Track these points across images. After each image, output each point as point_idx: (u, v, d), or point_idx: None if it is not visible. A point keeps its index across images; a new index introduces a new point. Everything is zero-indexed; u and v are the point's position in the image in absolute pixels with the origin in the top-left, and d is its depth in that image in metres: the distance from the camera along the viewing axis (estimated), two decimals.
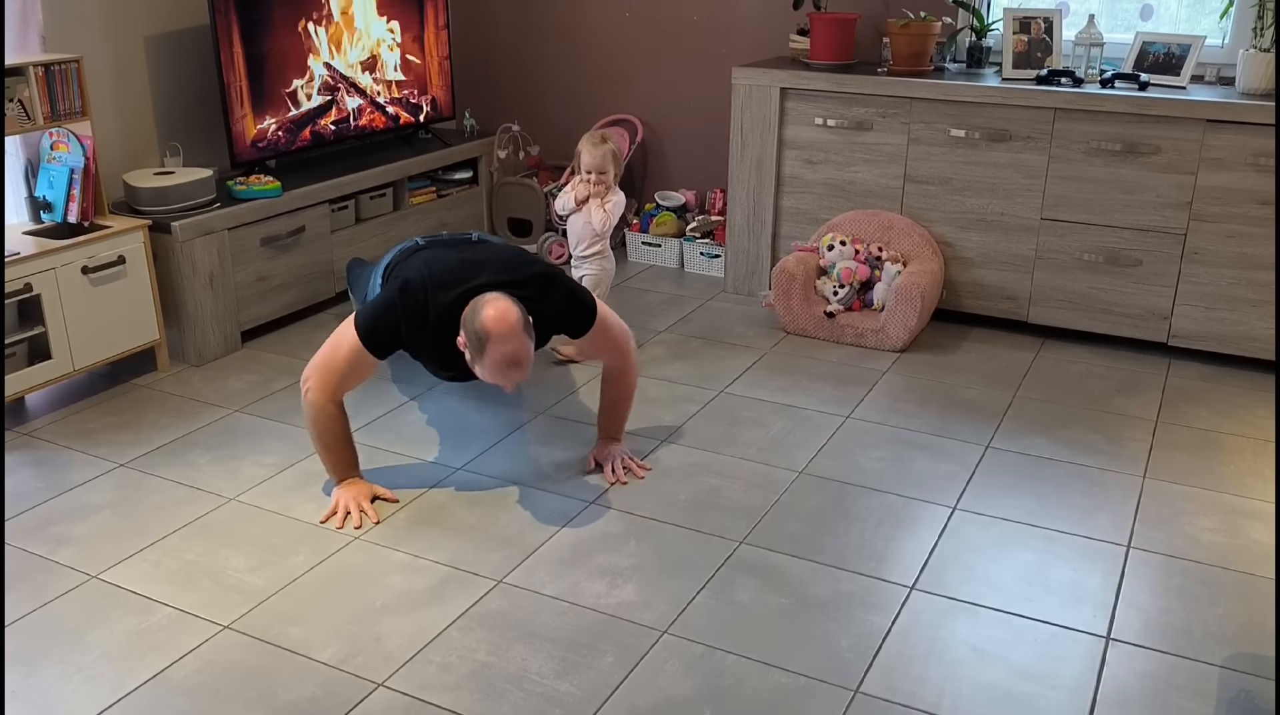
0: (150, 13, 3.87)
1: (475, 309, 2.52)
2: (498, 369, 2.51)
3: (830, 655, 2.24)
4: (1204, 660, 2.23)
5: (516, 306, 2.52)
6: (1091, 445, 3.13)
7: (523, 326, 2.50)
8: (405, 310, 2.61)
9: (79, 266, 3.26)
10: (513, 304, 2.52)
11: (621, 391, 2.96)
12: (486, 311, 2.49)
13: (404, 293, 2.63)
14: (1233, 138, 3.44)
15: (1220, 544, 2.64)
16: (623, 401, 2.98)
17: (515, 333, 2.48)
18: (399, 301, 2.62)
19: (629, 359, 2.92)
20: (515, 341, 2.48)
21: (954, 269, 3.95)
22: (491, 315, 2.48)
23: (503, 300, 2.51)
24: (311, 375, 2.68)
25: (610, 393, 2.96)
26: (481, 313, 2.49)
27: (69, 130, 3.32)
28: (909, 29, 3.86)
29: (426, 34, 4.60)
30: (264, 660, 2.22)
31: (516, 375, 2.54)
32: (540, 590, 2.45)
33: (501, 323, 2.47)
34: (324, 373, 2.67)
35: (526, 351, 2.52)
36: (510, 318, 2.48)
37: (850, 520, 2.74)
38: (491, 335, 2.47)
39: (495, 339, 2.47)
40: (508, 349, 2.48)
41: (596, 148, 3.53)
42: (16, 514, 2.75)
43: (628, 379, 2.94)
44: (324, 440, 2.74)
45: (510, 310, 2.49)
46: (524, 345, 2.50)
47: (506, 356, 2.49)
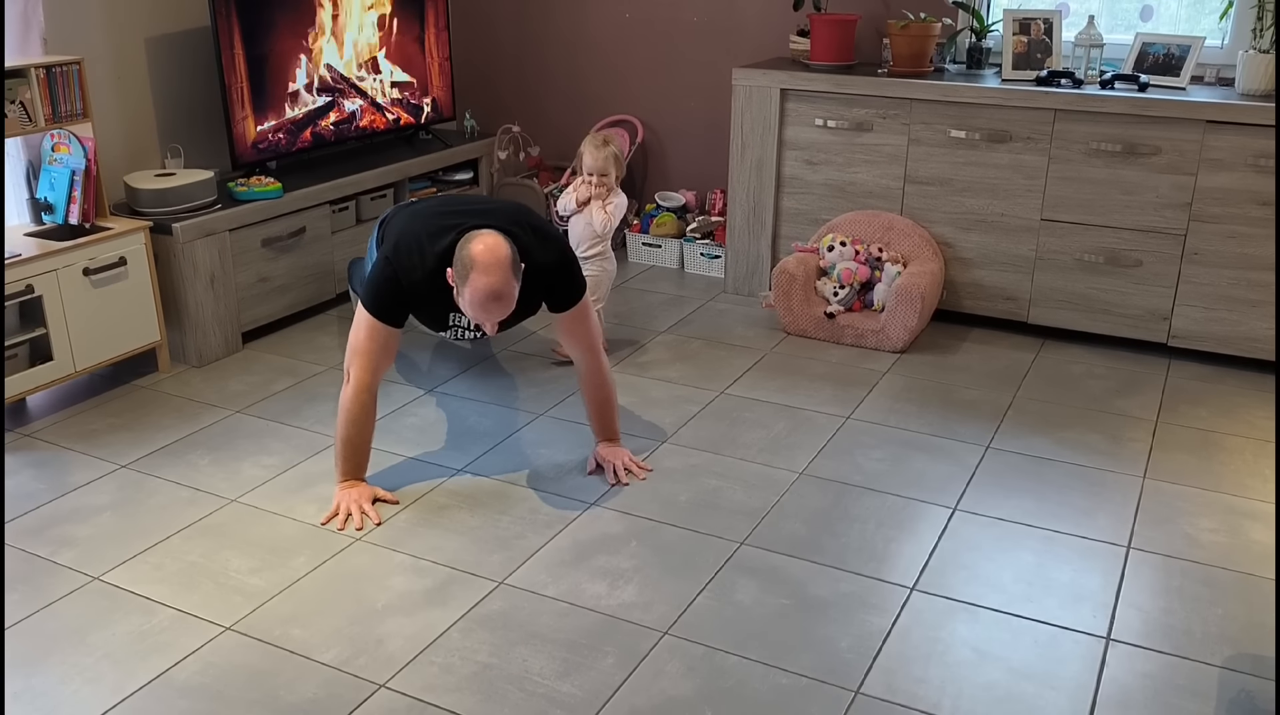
0: (151, 14, 3.87)
1: (467, 240, 2.55)
2: (478, 300, 2.52)
3: (831, 656, 2.24)
4: (1204, 661, 2.23)
5: (507, 243, 2.54)
6: (1091, 446, 3.13)
7: (510, 262, 2.52)
8: (400, 263, 2.64)
9: (80, 268, 3.26)
10: (503, 240, 2.54)
11: (602, 393, 2.95)
12: (476, 243, 2.52)
13: (397, 245, 2.67)
14: (1233, 139, 3.44)
15: (1220, 544, 2.64)
16: (606, 403, 2.97)
17: (500, 265, 2.50)
18: (393, 256, 2.66)
19: (600, 357, 2.92)
20: (498, 273, 2.50)
21: (954, 270, 3.95)
22: (479, 247, 2.51)
23: (494, 235, 2.54)
24: (350, 363, 2.73)
25: (591, 396, 2.96)
26: (471, 243, 2.52)
27: (70, 132, 3.33)
28: (909, 30, 3.87)
29: (427, 35, 4.61)
30: (266, 662, 2.22)
31: (496, 310, 2.55)
32: (541, 591, 2.45)
33: (488, 254, 2.49)
34: (356, 357, 2.71)
35: (509, 286, 2.52)
36: (499, 251, 2.50)
37: (850, 521, 2.74)
38: (476, 264, 2.49)
39: (479, 268, 2.49)
40: (491, 280, 2.49)
41: (599, 150, 3.52)
42: (18, 515, 2.76)
43: (603, 378, 2.93)
44: (349, 431, 2.75)
45: (499, 244, 2.52)
46: (507, 279, 2.51)
47: (488, 288, 2.50)
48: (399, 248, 2.67)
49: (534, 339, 3.87)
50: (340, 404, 2.76)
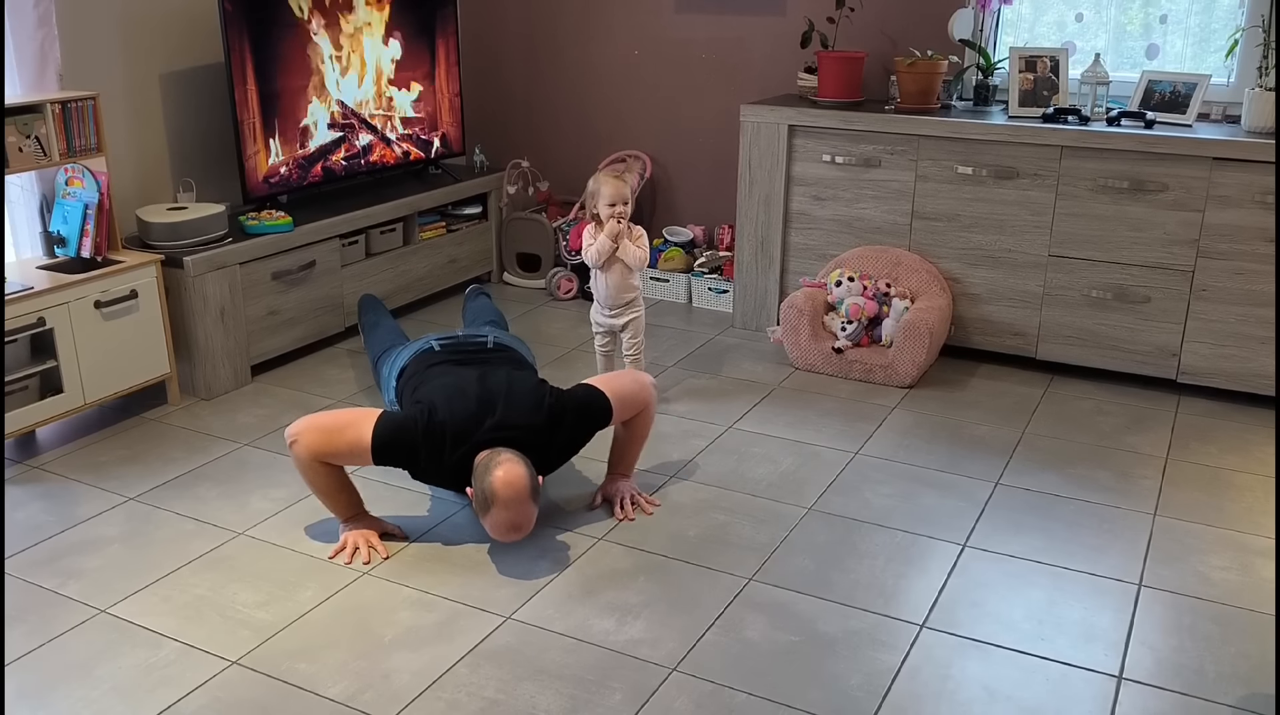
0: (166, 51, 3.92)
1: (488, 467, 2.56)
2: (499, 531, 2.60)
3: (840, 694, 2.23)
4: (1217, 701, 2.21)
5: (526, 471, 2.56)
6: (1101, 482, 3.12)
7: (529, 493, 2.55)
8: (427, 443, 2.65)
9: (92, 301, 3.28)
10: (523, 469, 2.56)
11: (639, 431, 2.97)
12: (497, 473, 2.53)
13: (429, 431, 2.65)
14: (1239, 175, 3.45)
15: (1232, 582, 2.63)
16: (638, 441, 2.99)
17: (520, 500, 2.54)
18: (423, 437, 2.65)
19: (649, 407, 2.94)
20: (519, 509, 2.54)
21: (962, 305, 3.96)
22: (501, 478, 2.53)
23: (515, 463, 2.56)
24: (303, 434, 2.65)
25: (628, 432, 2.97)
26: (492, 473, 2.54)
27: (84, 166, 3.36)
28: (916, 67, 3.90)
29: (437, 71, 4.65)
30: (272, 696, 2.21)
31: (516, 537, 2.64)
32: (549, 627, 2.44)
33: (508, 489, 2.52)
34: (318, 438, 2.65)
35: (528, 518, 2.59)
36: (518, 485, 2.53)
37: (860, 557, 2.73)
38: (497, 500, 2.53)
39: (500, 505, 2.53)
40: (511, 516, 2.55)
41: (614, 179, 3.40)
42: (26, 547, 2.76)
43: (645, 419, 2.95)
44: (319, 488, 2.74)
45: (520, 477, 2.54)
46: (527, 512, 2.57)
47: (509, 522, 2.57)
48: (431, 432, 2.64)
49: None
50: (297, 467, 2.71)
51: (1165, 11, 3.97)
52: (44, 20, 3.39)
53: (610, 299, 3.48)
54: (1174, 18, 3.97)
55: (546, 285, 4.81)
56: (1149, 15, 4.02)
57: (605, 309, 3.50)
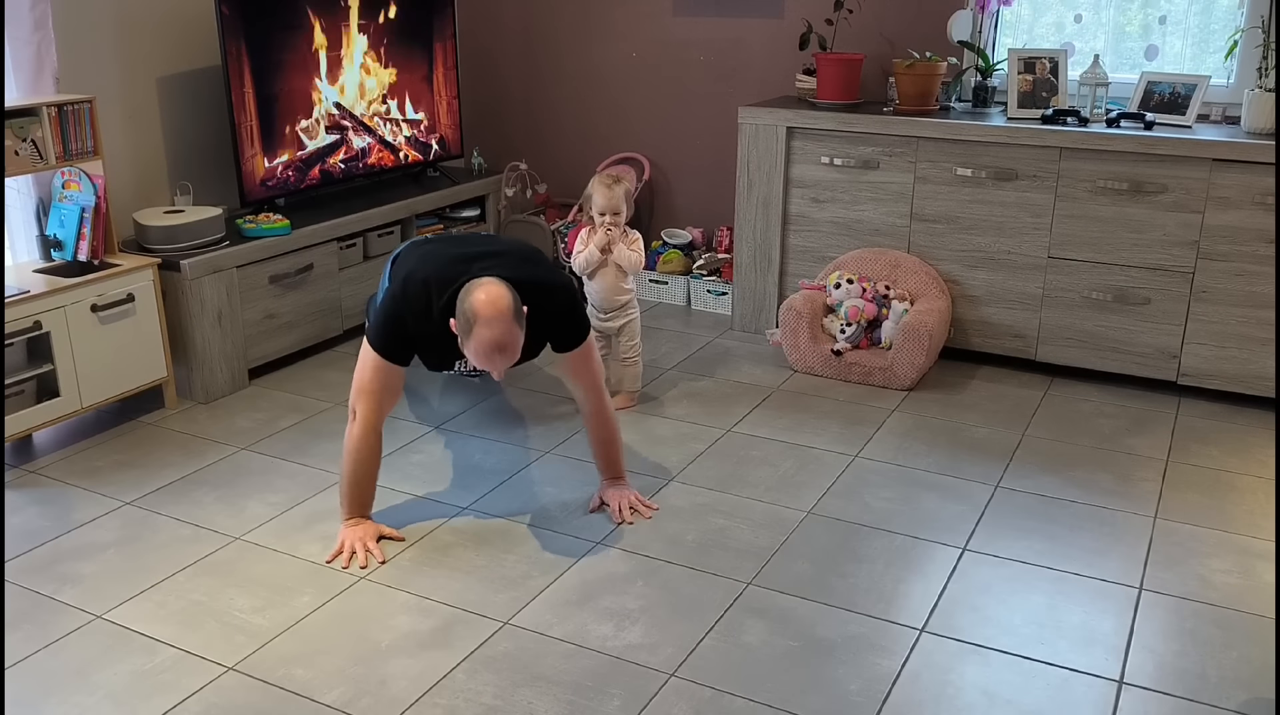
0: (163, 54, 3.91)
1: (469, 290, 2.54)
2: (482, 352, 2.52)
3: (839, 699, 2.21)
4: (1219, 705, 2.20)
5: (509, 292, 2.53)
6: (1102, 485, 3.11)
7: (512, 313, 2.51)
8: (407, 305, 2.64)
9: (88, 304, 3.27)
10: (505, 290, 2.53)
11: (606, 431, 2.94)
12: (478, 294, 2.51)
13: (405, 287, 2.66)
14: (1239, 177, 3.44)
15: (1233, 586, 2.61)
16: (610, 442, 2.95)
17: (503, 317, 2.49)
18: (401, 297, 2.65)
19: (604, 396, 2.91)
20: (501, 325, 2.49)
21: (961, 307, 3.95)
22: (482, 298, 2.50)
23: (496, 285, 2.53)
24: (355, 400, 2.72)
25: (597, 435, 2.94)
26: (473, 294, 2.52)
27: (81, 169, 3.35)
28: (915, 69, 3.89)
29: (435, 73, 4.64)
30: (268, 703, 2.20)
31: (500, 360, 2.55)
32: (547, 632, 2.43)
33: (490, 307, 2.49)
34: (362, 396, 2.70)
35: (512, 337, 2.52)
36: (500, 303, 2.50)
37: (859, 561, 2.72)
38: (479, 317, 2.48)
39: (482, 322, 2.48)
40: (493, 333, 2.49)
41: (610, 188, 3.40)
42: (22, 552, 2.75)
43: (607, 416, 2.92)
44: (357, 471, 2.74)
45: (502, 295, 2.51)
46: (510, 330, 2.51)
47: (491, 340, 2.50)
48: (406, 290, 2.67)
49: (540, 376, 3.86)
50: (346, 443, 2.75)
51: (1164, 12, 3.96)
52: (40, 23, 3.38)
53: (604, 302, 3.48)
54: (1173, 19, 3.96)
55: None
56: (1148, 16, 4.01)
57: (600, 312, 3.50)
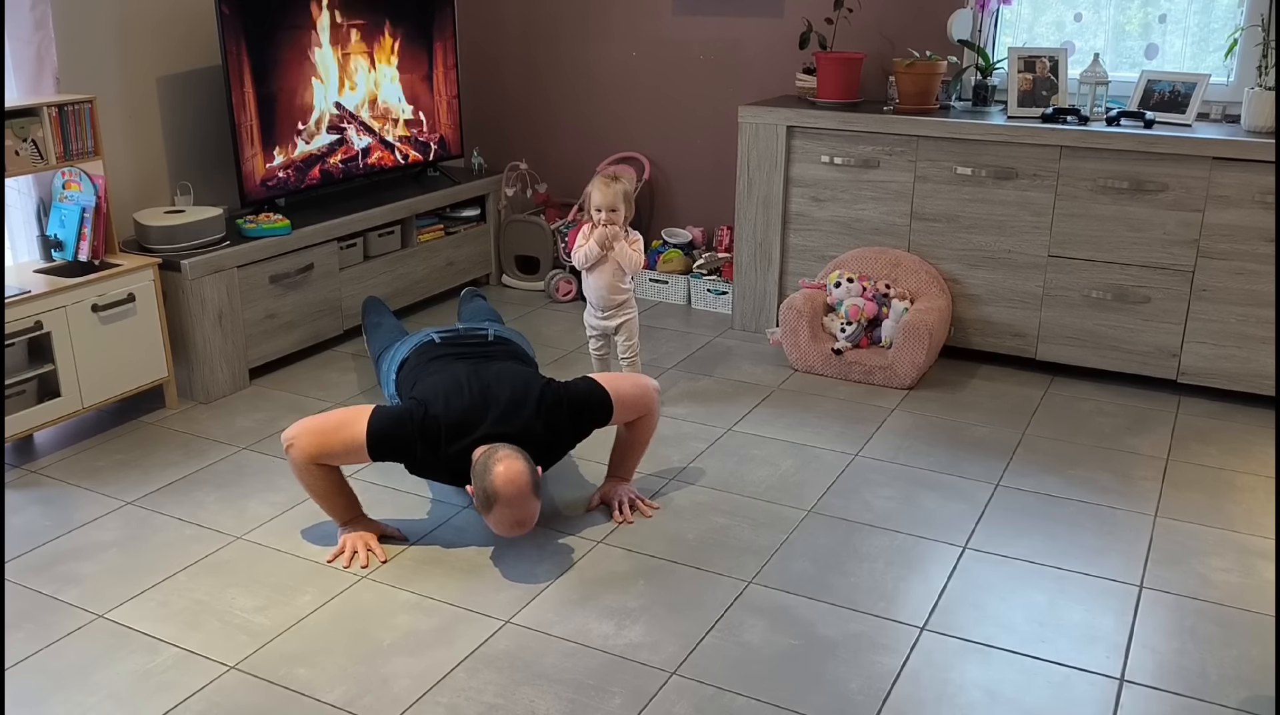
0: (163, 54, 3.91)
1: (487, 465, 2.54)
2: (503, 528, 2.59)
3: (840, 697, 2.22)
4: (1220, 703, 2.20)
5: (526, 466, 2.54)
6: (1102, 484, 3.11)
7: (531, 488, 2.53)
8: (422, 439, 2.64)
9: (89, 304, 3.27)
10: (523, 464, 2.54)
11: (641, 436, 2.96)
12: (497, 469, 2.51)
13: (425, 425, 2.64)
14: (1239, 175, 3.45)
15: (1233, 584, 2.62)
16: (640, 445, 2.98)
17: (523, 496, 2.52)
18: (418, 431, 2.63)
19: (653, 412, 2.92)
20: (521, 505, 2.53)
21: (962, 306, 3.95)
22: (502, 475, 2.51)
23: (515, 460, 2.53)
24: (299, 437, 2.65)
25: (630, 436, 2.96)
26: (492, 471, 2.52)
27: (81, 169, 3.35)
28: (915, 68, 3.89)
29: (435, 74, 4.65)
30: (270, 702, 2.20)
31: (520, 533, 2.62)
32: (548, 631, 2.43)
33: (510, 486, 2.50)
34: (314, 440, 2.64)
35: (532, 513, 2.57)
36: (519, 481, 2.51)
37: (860, 559, 2.72)
38: (499, 498, 2.51)
39: (502, 502, 2.51)
40: (514, 513, 2.53)
41: (608, 186, 3.38)
42: (23, 552, 2.75)
43: (649, 423, 2.94)
44: (316, 491, 2.73)
45: (520, 473, 2.52)
46: (530, 508, 2.55)
47: (512, 519, 2.55)
48: (425, 427, 2.63)
49: None
50: (294, 472, 2.70)
51: (1164, 11, 3.96)
52: (41, 23, 3.38)
53: (601, 301, 3.47)
54: (1173, 17, 3.96)
55: (545, 287, 4.80)
56: (1148, 15, 4.01)
57: (597, 311, 3.49)
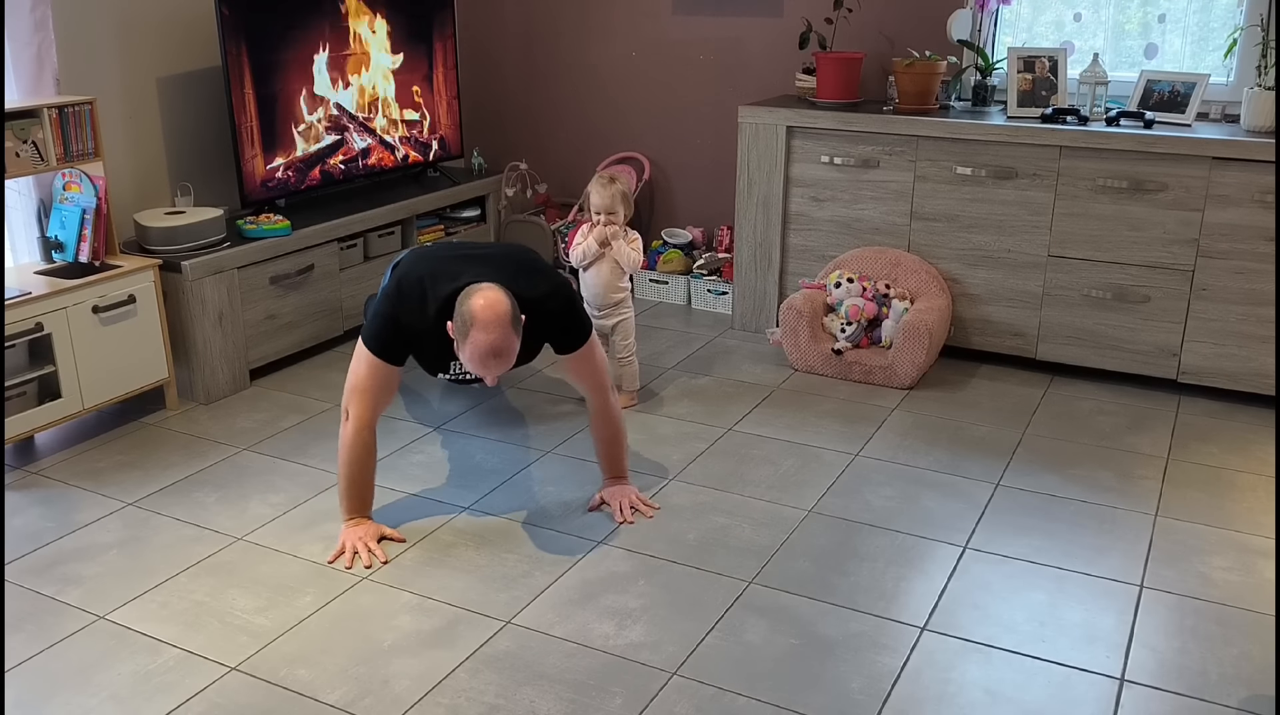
0: (164, 55, 3.91)
1: (467, 294, 2.54)
2: (477, 356, 2.51)
3: (841, 697, 2.22)
4: (1220, 703, 2.20)
5: (507, 298, 2.53)
6: (1102, 483, 3.12)
7: (510, 318, 2.51)
8: (403, 304, 2.64)
9: (90, 306, 3.27)
10: (504, 295, 2.53)
11: (610, 431, 2.94)
12: (476, 298, 2.51)
13: (400, 287, 2.66)
14: (1239, 175, 3.45)
15: (1234, 583, 2.62)
16: (615, 441, 2.96)
17: (500, 322, 2.49)
18: (396, 297, 2.66)
19: (608, 395, 2.91)
20: (498, 331, 2.48)
21: (962, 306, 3.95)
22: (480, 303, 2.50)
23: (495, 291, 2.53)
24: (349, 400, 2.73)
25: (600, 434, 2.95)
26: (471, 299, 2.51)
27: (81, 171, 3.35)
28: (914, 68, 3.89)
29: (435, 74, 4.65)
30: (271, 702, 2.20)
31: (495, 366, 2.53)
32: (549, 631, 2.43)
33: (488, 311, 2.48)
34: (355, 395, 2.71)
35: (508, 343, 2.51)
36: (498, 307, 2.49)
37: (860, 559, 2.72)
38: (476, 321, 2.48)
39: (479, 326, 2.48)
40: (490, 338, 2.48)
41: (605, 187, 3.43)
42: (24, 553, 2.75)
43: (611, 415, 2.92)
44: (352, 470, 2.74)
45: (500, 301, 2.51)
46: (506, 336, 2.50)
47: (488, 345, 2.48)
48: (401, 290, 2.68)
49: (541, 377, 3.87)
50: (341, 442, 2.75)
51: (1164, 11, 3.96)
52: (41, 25, 3.38)
53: (598, 299, 3.48)
54: (1172, 17, 3.96)
55: None
56: (1147, 15, 4.01)
57: (594, 309, 3.51)
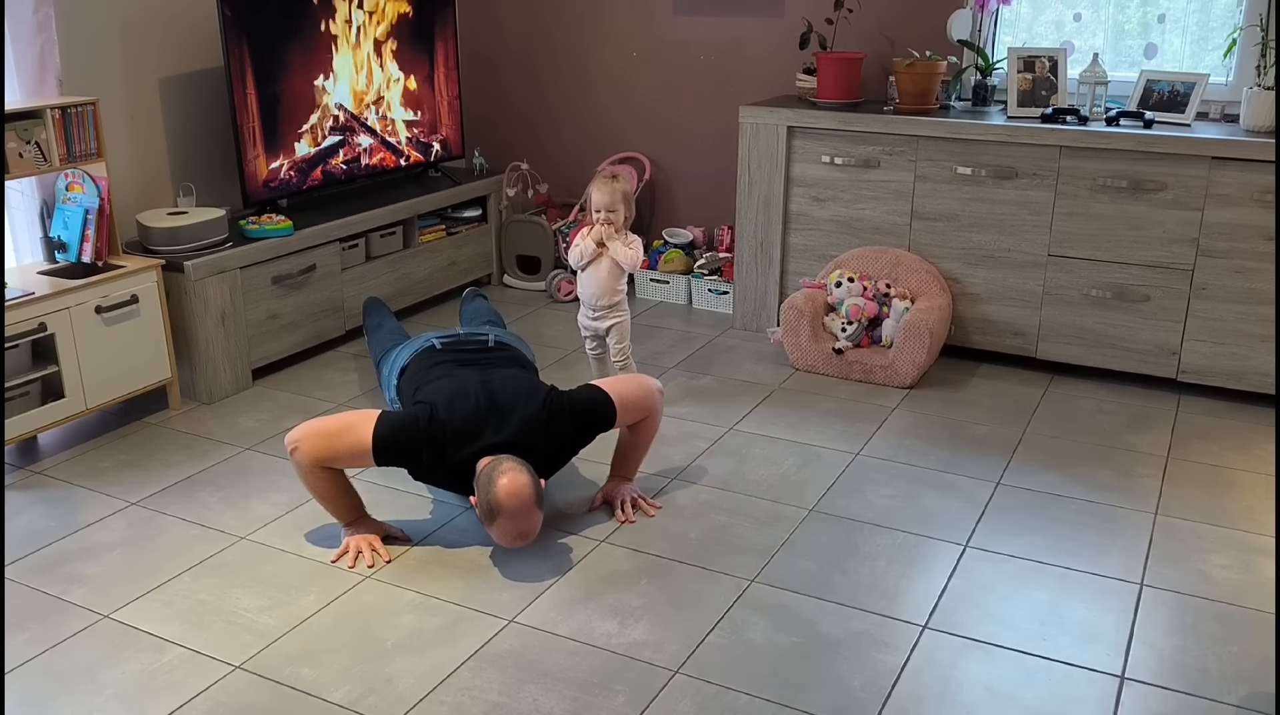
0: (166, 55, 3.92)
1: (491, 477, 2.55)
2: (505, 540, 2.61)
3: (843, 695, 2.23)
4: (1220, 700, 2.21)
5: (529, 479, 2.56)
6: (1102, 481, 3.12)
7: (534, 501, 2.55)
8: (428, 445, 2.65)
9: (93, 306, 3.28)
10: (526, 477, 2.55)
11: (643, 436, 2.97)
12: (501, 482, 2.53)
13: (431, 431, 2.65)
14: (1238, 174, 3.46)
15: (1234, 581, 2.63)
16: (643, 446, 2.99)
17: (526, 509, 2.54)
18: (425, 436, 2.65)
19: (655, 413, 2.93)
20: (524, 517, 2.55)
21: (962, 305, 3.96)
22: (505, 487, 2.52)
23: (518, 472, 2.55)
24: (304, 441, 2.65)
25: (632, 437, 2.97)
26: (496, 483, 2.53)
27: (84, 171, 3.36)
28: (915, 68, 3.90)
29: (437, 74, 4.65)
30: (275, 701, 2.21)
31: (522, 544, 2.64)
32: (552, 630, 2.44)
33: (513, 498, 2.52)
34: (318, 443, 2.65)
35: (534, 525, 2.59)
36: (523, 494, 2.53)
37: (861, 558, 2.73)
38: (503, 510, 2.53)
39: (506, 515, 2.53)
40: (516, 526, 2.56)
41: (606, 185, 3.39)
42: (28, 553, 2.76)
43: (651, 424, 2.95)
44: (319, 493, 2.75)
45: (524, 486, 2.53)
46: (532, 520, 2.57)
47: (515, 531, 2.57)
48: (433, 433, 2.64)
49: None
50: (298, 474, 2.71)
51: (1163, 11, 3.97)
52: (43, 26, 3.39)
53: (594, 299, 3.46)
54: (1172, 17, 3.97)
55: (546, 287, 4.81)
56: (1147, 15, 4.02)
57: (589, 310, 3.49)
